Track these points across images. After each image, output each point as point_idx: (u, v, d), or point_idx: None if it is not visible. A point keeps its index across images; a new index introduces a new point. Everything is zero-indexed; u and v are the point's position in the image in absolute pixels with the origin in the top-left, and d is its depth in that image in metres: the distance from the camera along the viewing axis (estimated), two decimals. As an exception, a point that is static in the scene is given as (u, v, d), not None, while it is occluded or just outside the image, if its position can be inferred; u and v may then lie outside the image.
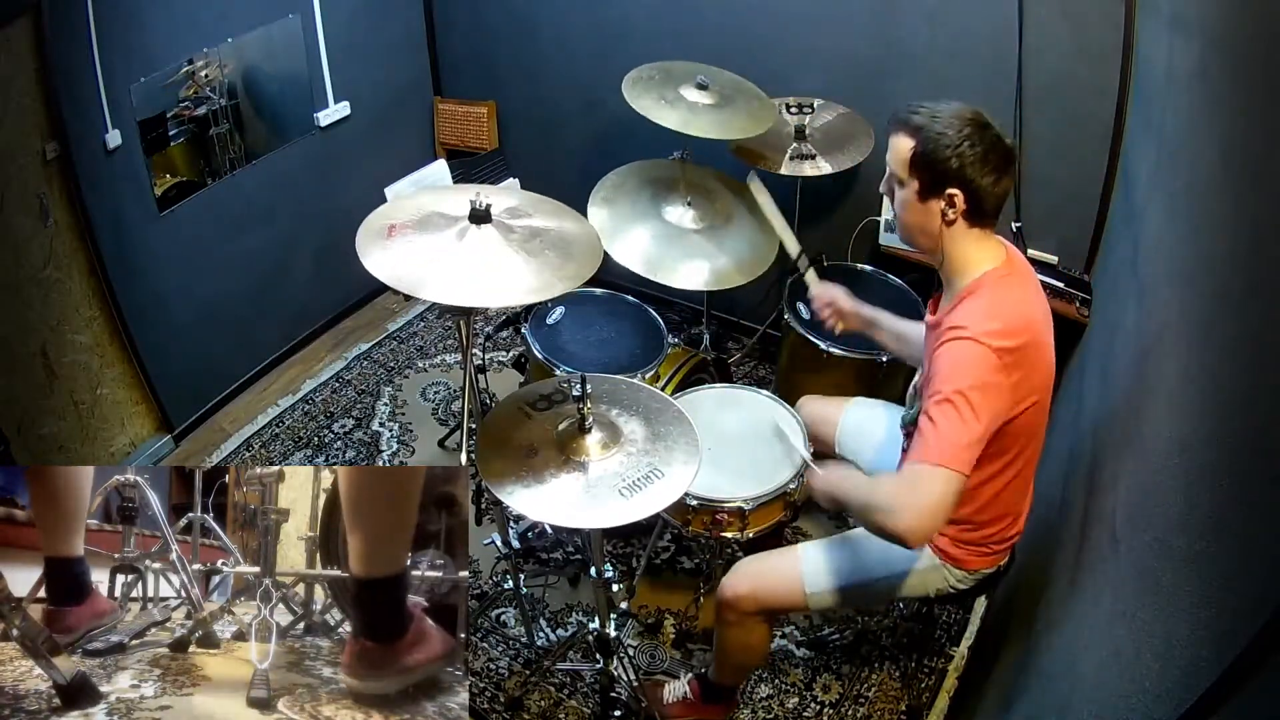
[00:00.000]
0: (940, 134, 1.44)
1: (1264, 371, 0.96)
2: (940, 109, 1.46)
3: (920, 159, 1.47)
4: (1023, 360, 1.45)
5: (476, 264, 1.61)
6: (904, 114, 1.50)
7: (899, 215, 1.57)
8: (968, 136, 1.43)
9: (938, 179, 1.46)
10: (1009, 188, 1.50)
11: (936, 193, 1.48)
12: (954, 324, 1.47)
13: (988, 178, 1.45)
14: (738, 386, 2.32)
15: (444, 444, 2.94)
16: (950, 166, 1.44)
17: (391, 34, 3.32)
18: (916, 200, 1.50)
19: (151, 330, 2.77)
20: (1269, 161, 1.05)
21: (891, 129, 1.52)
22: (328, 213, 3.17)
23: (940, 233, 1.52)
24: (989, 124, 1.46)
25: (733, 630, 1.86)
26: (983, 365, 1.42)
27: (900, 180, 1.52)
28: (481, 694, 2.22)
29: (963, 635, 2.33)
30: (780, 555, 1.87)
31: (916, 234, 1.56)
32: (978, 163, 1.44)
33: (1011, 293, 1.52)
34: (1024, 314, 1.50)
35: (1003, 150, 1.46)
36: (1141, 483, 1.36)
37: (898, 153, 1.50)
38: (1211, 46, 1.46)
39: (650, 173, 2.54)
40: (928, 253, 1.59)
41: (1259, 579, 0.85)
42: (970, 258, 1.53)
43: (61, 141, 2.33)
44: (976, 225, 1.51)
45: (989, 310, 1.47)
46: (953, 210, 1.48)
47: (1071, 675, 1.38)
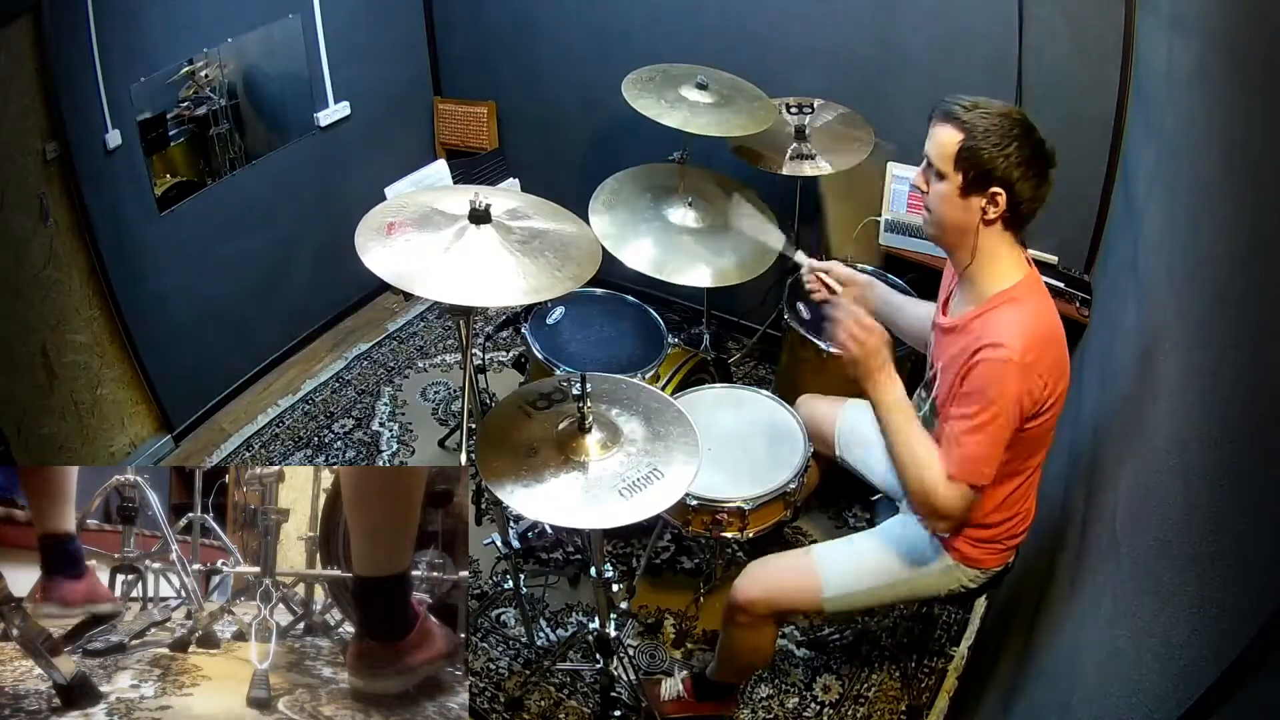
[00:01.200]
0: (988, 131, 1.41)
1: (1264, 371, 0.96)
2: (987, 105, 1.43)
3: (967, 153, 1.42)
4: (1053, 370, 1.46)
5: (476, 264, 1.61)
6: (951, 105, 1.45)
7: (934, 209, 1.52)
8: (1015, 137, 1.40)
9: (982, 176, 1.43)
10: (1047, 194, 1.47)
11: (979, 190, 1.44)
12: (992, 340, 1.44)
13: (1030, 181, 1.43)
14: (738, 386, 2.32)
15: (444, 444, 2.94)
16: (996, 165, 1.41)
17: (391, 34, 3.32)
18: (957, 195, 1.46)
19: (151, 330, 2.77)
20: (1269, 161, 1.05)
21: (936, 120, 1.47)
22: (328, 213, 3.17)
23: (977, 231, 1.49)
24: (1035, 127, 1.44)
25: (743, 631, 1.85)
26: (1022, 383, 1.43)
27: (941, 174, 1.47)
28: (481, 694, 2.22)
29: (963, 635, 2.33)
30: (795, 558, 1.87)
31: (949, 230, 1.52)
32: (1023, 165, 1.41)
33: (1043, 304, 1.51)
34: (1054, 324, 1.51)
35: (1045, 156, 1.44)
36: (1141, 483, 1.36)
37: (942, 145, 1.45)
38: (1211, 46, 1.46)
39: (649, 176, 2.53)
40: (954, 250, 1.56)
41: (1259, 579, 0.85)
42: (1001, 262, 1.51)
43: (61, 141, 2.33)
44: (1011, 229, 1.49)
45: (1027, 325, 1.46)
46: (994, 209, 1.45)
47: (1071, 675, 1.38)
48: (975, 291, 1.55)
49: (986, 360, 1.44)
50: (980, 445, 1.46)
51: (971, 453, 1.46)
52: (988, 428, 1.44)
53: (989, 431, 1.44)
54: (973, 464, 1.47)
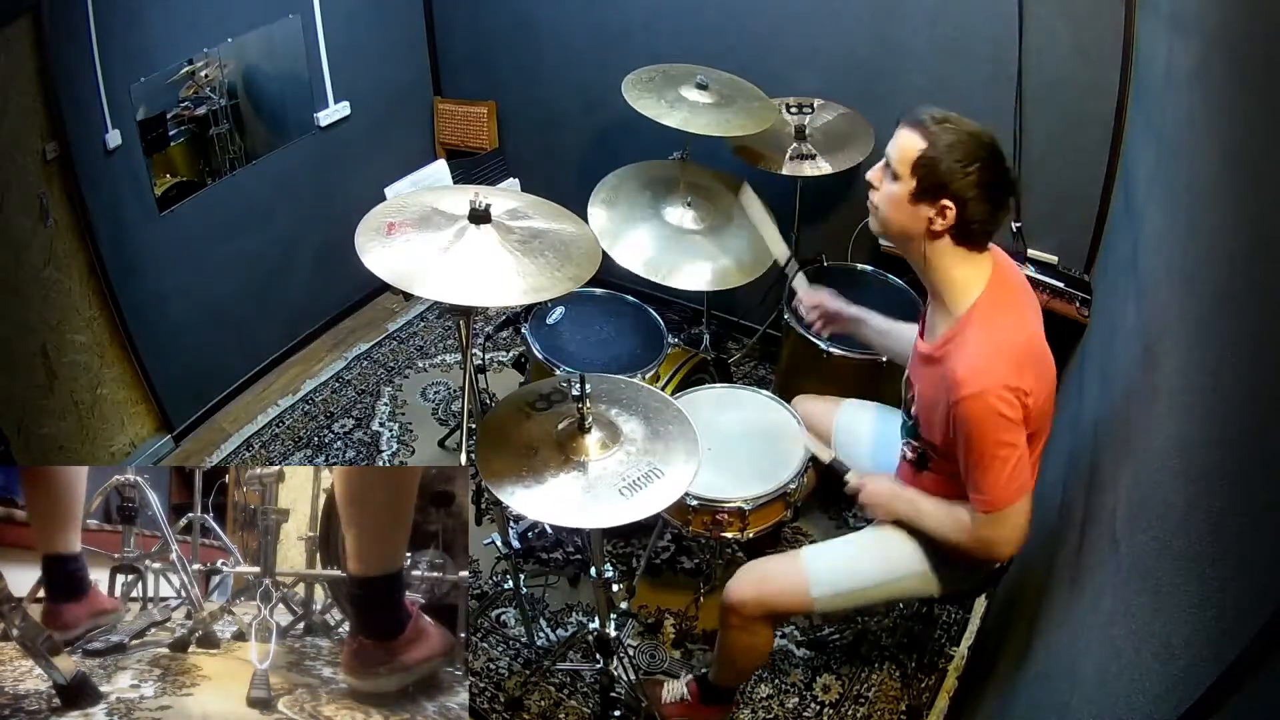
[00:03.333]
0: (951, 146, 1.42)
1: (1264, 371, 0.96)
2: (959, 122, 1.45)
3: (925, 163, 1.44)
4: (1025, 376, 1.46)
5: (475, 264, 1.61)
6: (922, 114, 1.47)
7: (882, 207, 1.54)
8: (979, 159, 1.42)
9: (935, 187, 1.45)
10: (1000, 223, 1.49)
11: (929, 199, 1.46)
12: (959, 382, 1.45)
13: (984, 205, 1.44)
14: (738, 386, 2.32)
15: (444, 444, 2.94)
16: (953, 180, 1.43)
17: (391, 34, 3.32)
18: (907, 200, 1.48)
19: (151, 330, 2.77)
20: (1269, 161, 1.05)
21: (904, 124, 1.49)
22: (327, 213, 3.17)
23: (922, 239, 1.51)
24: (1002, 155, 1.45)
25: (737, 633, 1.86)
26: (1003, 412, 1.44)
27: (896, 175, 1.49)
28: (481, 694, 2.22)
29: (963, 635, 2.33)
30: (784, 559, 1.88)
31: (893, 231, 1.55)
32: (979, 187, 1.43)
33: (1008, 317, 1.52)
34: (1024, 333, 1.51)
35: (1006, 185, 1.46)
36: (1141, 483, 1.36)
37: (903, 149, 1.47)
38: (1211, 46, 1.46)
39: (650, 174, 2.54)
40: (902, 251, 1.59)
41: (1259, 579, 0.85)
42: (958, 278, 1.53)
43: (61, 141, 2.33)
44: (961, 245, 1.50)
45: (990, 349, 1.46)
46: (941, 221, 1.47)
47: (1071, 675, 1.38)
48: (944, 311, 1.57)
49: (963, 406, 1.46)
50: (1001, 472, 1.48)
51: (996, 481, 1.49)
52: (998, 455, 1.47)
53: (1001, 457, 1.47)
54: (1003, 489, 1.49)
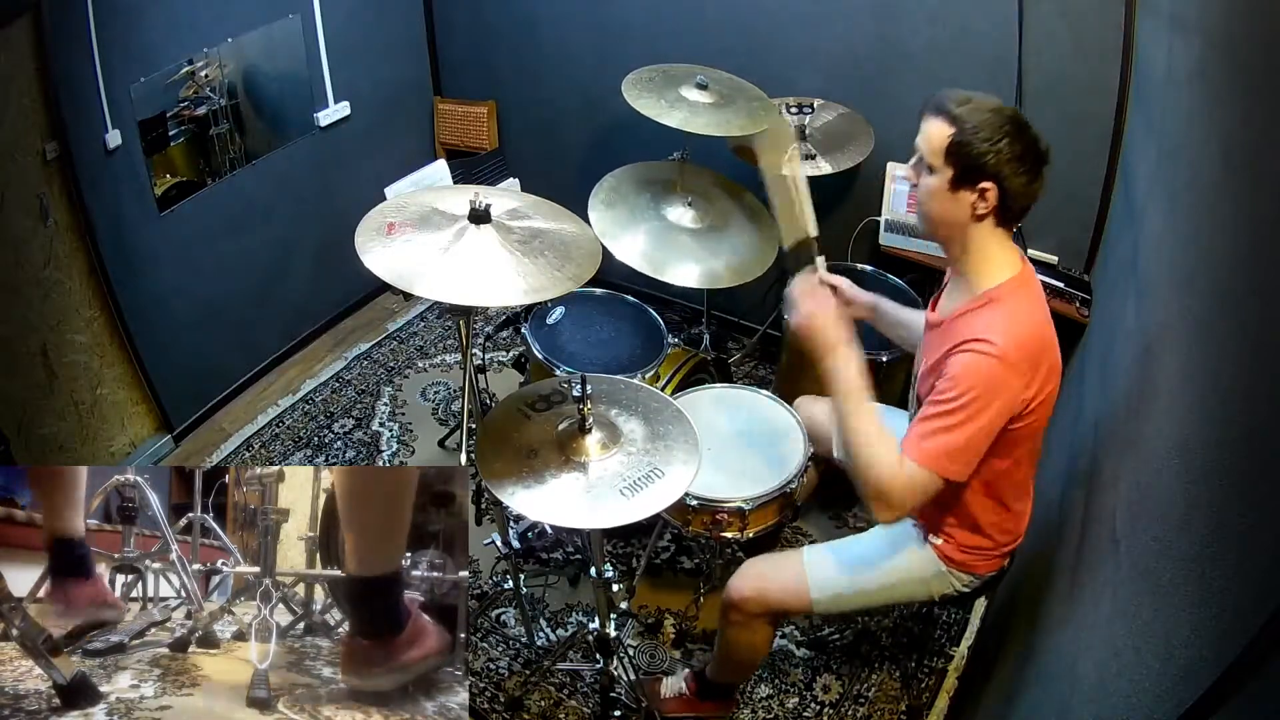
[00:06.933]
0: (979, 126, 1.41)
1: (1264, 371, 0.96)
2: (980, 100, 1.43)
3: (956, 148, 1.42)
4: (1037, 370, 1.45)
5: (475, 264, 1.61)
6: (942, 100, 1.45)
7: (923, 202, 1.52)
8: (1007, 133, 1.40)
9: (972, 170, 1.43)
10: (1039, 192, 1.46)
11: (969, 184, 1.44)
12: (977, 335, 1.44)
13: (1021, 177, 1.42)
14: (738, 386, 2.32)
15: (444, 444, 2.94)
16: (986, 160, 1.41)
17: (391, 34, 3.32)
18: (947, 189, 1.46)
19: (151, 330, 2.77)
20: (1269, 161, 1.05)
21: (927, 113, 1.47)
22: (327, 213, 3.17)
23: (967, 226, 1.49)
24: (1028, 124, 1.43)
25: (737, 631, 1.86)
26: (1002, 379, 1.42)
27: (931, 167, 1.47)
28: (481, 694, 2.22)
29: (963, 635, 2.33)
30: (785, 558, 1.87)
31: (939, 224, 1.52)
32: (1014, 160, 1.41)
33: (1033, 303, 1.51)
34: (1042, 323, 1.50)
35: (1038, 153, 1.43)
36: (1141, 483, 1.36)
37: (932, 139, 1.45)
38: (1211, 46, 1.46)
39: (649, 174, 2.54)
40: (945, 244, 1.56)
41: (1259, 579, 0.85)
42: (993, 259, 1.51)
43: (61, 141, 2.33)
44: (1002, 225, 1.49)
45: (1014, 323, 1.45)
46: (984, 204, 1.44)
47: (1071, 675, 1.38)
48: (965, 288, 1.55)
49: (968, 352, 1.43)
50: (951, 435, 1.43)
51: (941, 441, 1.44)
52: (960, 416, 1.42)
53: (961, 421, 1.42)
54: (941, 453, 1.44)
